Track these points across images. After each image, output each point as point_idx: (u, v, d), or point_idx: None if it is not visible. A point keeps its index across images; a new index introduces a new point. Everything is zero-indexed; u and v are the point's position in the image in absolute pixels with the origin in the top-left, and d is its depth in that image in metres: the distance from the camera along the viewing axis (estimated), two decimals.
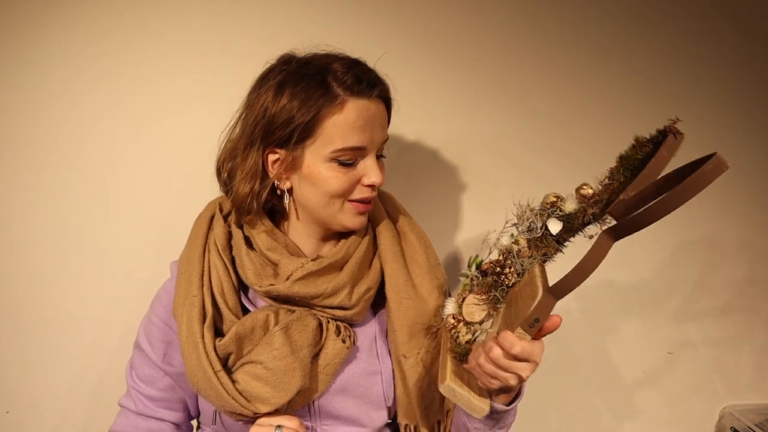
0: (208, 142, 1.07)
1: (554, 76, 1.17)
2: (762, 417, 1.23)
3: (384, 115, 0.82)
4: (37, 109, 1.05)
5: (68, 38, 1.04)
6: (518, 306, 0.72)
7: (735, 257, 1.26)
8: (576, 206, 0.74)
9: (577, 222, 0.74)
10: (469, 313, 0.77)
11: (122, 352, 1.11)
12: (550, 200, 0.76)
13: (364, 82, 0.78)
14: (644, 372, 1.27)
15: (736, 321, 1.28)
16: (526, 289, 0.73)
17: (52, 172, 1.07)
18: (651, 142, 0.72)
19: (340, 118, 0.77)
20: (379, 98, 0.81)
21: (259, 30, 1.08)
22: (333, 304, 0.83)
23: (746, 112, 1.22)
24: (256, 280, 0.83)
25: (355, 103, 0.77)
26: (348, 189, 0.81)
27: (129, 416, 0.89)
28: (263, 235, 0.85)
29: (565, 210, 0.75)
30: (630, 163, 0.73)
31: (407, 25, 1.12)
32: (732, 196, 1.24)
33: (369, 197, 0.82)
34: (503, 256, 0.78)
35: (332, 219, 0.83)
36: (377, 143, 0.81)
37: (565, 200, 0.76)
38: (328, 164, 0.79)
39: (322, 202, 0.82)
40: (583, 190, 0.75)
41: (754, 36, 1.20)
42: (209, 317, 0.81)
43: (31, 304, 1.09)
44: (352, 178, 0.80)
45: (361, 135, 0.78)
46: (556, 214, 0.75)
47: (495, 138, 1.17)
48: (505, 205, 1.18)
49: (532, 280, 0.73)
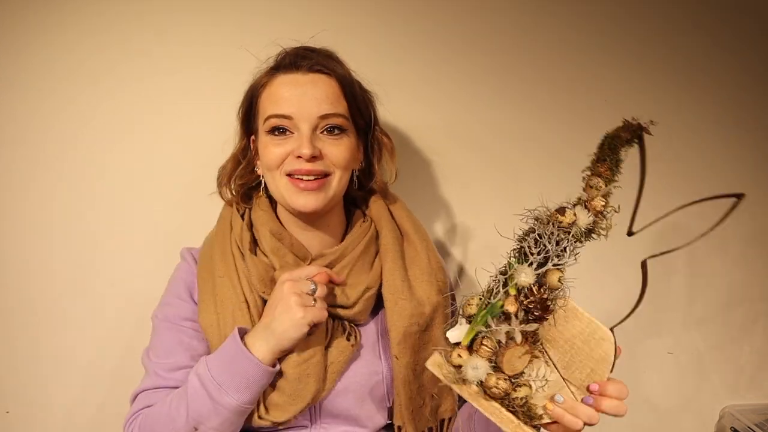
0: (207, 140, 1.08)
1: (554, 76, 1.16)
2: (762, 417, 1.23)
3: (325, 89, 0.82)
4: (34, 107, 1.05)
5: (64, 35, 1.04)
6: (576, 346, 0.69)
7: (735, 257, 1.26)
8: (588, 219, 0.70)
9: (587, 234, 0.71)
10: (510, 368, 0.66)
11: (123, 352, 1.11)
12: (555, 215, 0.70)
13: (294, 57, 0.83)
14: (644, 372, 1.27)
15: (736, 321, 1.28)
16: (575, 326, 0.70)
17: (50, 172, 1.07)
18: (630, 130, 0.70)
19: (269, 90, 0.84)
20: (315, 71, 0.82)
21: (258, 25, 1.07)
22: (332, 303, 0.83)
23: (746, 113, 1.22)
24: (261, 285, 0.83)
25: (283, 77, 0.83)
26: (279, 161, 0.82)
27: (145, 394, 0.84)
28: (268, 234, 0.86)
29: (580, 225, 0.70)
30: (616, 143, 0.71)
31: (404, 22, 1.12)
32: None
33: (300, 170, 0.81)
34: (542, 291, 0.67)
35: (282, 199, 0.84)
36: (311, 115, 0.81)
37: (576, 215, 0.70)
38: (265, 137, 0.84)
39: (267, 178, 0.86)
40: (594, 203, 0.70)
41: (754, 36, 1.20)
42: (254, 320, 0.82)
43: (30, 303, 1.09)
44: (284, 150, 0.81)
45: (285, 103, 0.80)
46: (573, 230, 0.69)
47: (495, 138, 1.17)
48: (498, 206, 1.19)
49: (577, 315, 0.71)
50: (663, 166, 1.21)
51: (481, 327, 0.64)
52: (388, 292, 0.86)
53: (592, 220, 0.69)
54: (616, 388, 0.69)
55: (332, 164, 0.83)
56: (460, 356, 0.65)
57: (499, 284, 0.66)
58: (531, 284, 0.65)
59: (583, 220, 0.69)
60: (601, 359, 0.69)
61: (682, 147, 1.21)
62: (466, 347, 0.65)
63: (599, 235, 0.70)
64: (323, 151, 0.82)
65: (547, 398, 0.68)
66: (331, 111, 0.82)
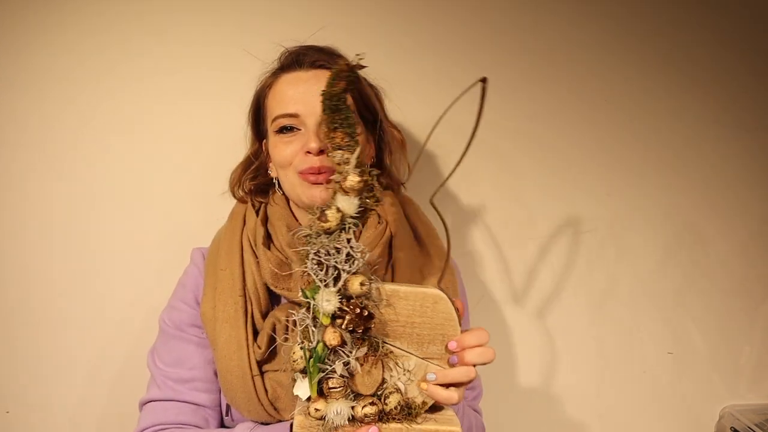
0: (211, 139, 1.08)
1: (554, 76, 1.17)
2: (762, 417, 1.23)
3: None
4: (32, 107, 1.05)
5: (64, 34, 1.04)
6: (416, 323, 0.67)
7: (735, 257, 1.26)
8: (354, 203, 0.63)
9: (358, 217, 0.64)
10: (369, 387, 0.65)
11: (124, 352, 1.11)
12: (318, 225, 0.63)
13: (297, 56, 0.85)
14: (644, 372, 1.27)
15: (736, 321, 1.28)
16: (404, 306, 0.66)
17: (51, 172, 1.07)
18: (343, 78, 0.63)
19: (274, 91, 0.85)
20: (316, 67, 0.84)
21: (259, 25, 1.07)
22: None
23: (747, 112, 1.22)
24: (273, 280, 0.83)
25: (286, 76, 0.84)
26: (290, 159, 0.83)
27: (155, 406, 0.84)
28: (284, 229, 0.86)
29: (349, 214, 0.63)
30: (336, 102, 0.63)
31: (410, 20, 1.12)
32: (732, 195, 1.24)
33: (312, 167, 0.80)
34: (353, 304, 0.62)
35: (296, 196, 0.85)
36: (317, 109, 0.76)
37: (339, 209, 0.63)
38: (275, 138, 0.85)
39: (281, 176, 0.87)
40: (348, 182, 0.63)
41: (755, 35, 1.20)
42: (251, 320, 0.82)
43: (30, 303, 1.09)
44: (294, 148, 0.82)
45: (291, 102, 0.82)
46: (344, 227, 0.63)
47: (494, 138, 1.17)
48: (498, 205, 1.19)
49: (400, 295, 0.66)
50: (663, 165, 1.21)
51: (318, 375, 0.62)
52: None
53: (357, 202, 0.63)
54: (475, 336, 0.67)
55: None
56: (317, 409, 0.63)
57: (309, 322, 0.62)
58: (338, 305, 0.61)
59: (350, 208, 0.63)
60: (445, 321, 0.67)
61: (682, 146, 1.21)
62: (318, 397, 0.63)
63: (373, 204, 0.65)
64: None
65: (418, 385, 0.67)
66: None
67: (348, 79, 0.63)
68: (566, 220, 1.21)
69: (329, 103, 0.63)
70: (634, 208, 1.22)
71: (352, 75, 0.63)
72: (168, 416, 0.82)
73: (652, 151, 1.21)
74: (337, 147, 0.63)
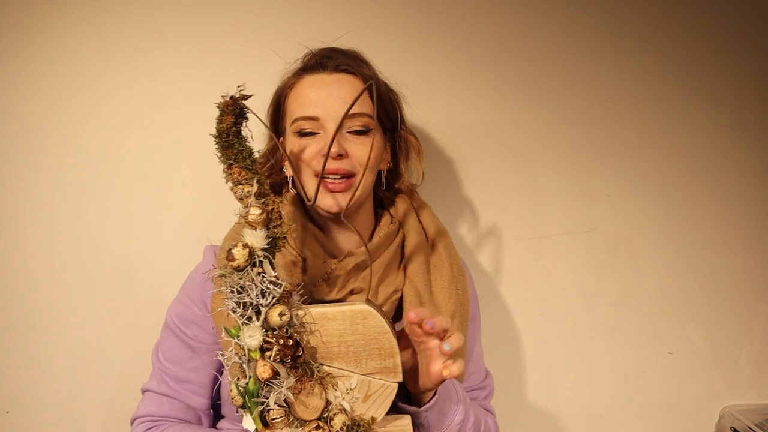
0: (206, 139, 1.07)
1: (554, 75, 1.17)
2: (762, 417, 1.23)
3: (350, 88, 0.82)
4: (30, 106, 1.05)
5: (62, 34, 1.04)
6: (350, 341, 0.67)
7: (736, 257, 1.26)
8: (262, 236, 0.63)
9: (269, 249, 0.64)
10: (312, 412, 0.66)
11: (124, 352, 1.11)
12: (228, 264, 0.62)
13: (320, 58, 0.84)
14: (644, 372, 1.27)
15: (736, 321, 1.28)
16: (334, 326, 0.67)
17: (51, 171, 1.07)
18: (229, 113, 0.63)
19: (295, 92, 0.84)
20: (339, 71, 0.83)
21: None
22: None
23: (747, 111, 1.22)
24: (285, 275, 0.83)
25: (309, 78, 0.83)
26: (308, 161, 0.82)
27: (152, 397, 0.88)
28: (300, 228, 0.86)
29: (257, 248, 0.63)
30: (226, 138, 0.63)
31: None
32: (733, 194, 1.24)
33: (329, 169, 0.80)
34: (277, 336, 0.62)
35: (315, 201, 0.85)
36: (338, 114, 0.80)
37: (248, 245, 0.63)
38: (293, 139, 0.84)
39: (299, 180, 0.85)
40: (251, 216, 0.62)
41: (756, 34, 1.20)
42: None
43: (30, 303, 1.09)
44: (312, 150, 0.82)
45: (312, 105, 0.81)
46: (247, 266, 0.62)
47: (492, 138, 1.17)
48: (499, 204, 1.19)
49: (328, 316, 0.67)
50: (663, 165, 1.21)
51: (257, 408, 0.63)
52: (409, 294, 0.87)
53: (264, 233, 0.63)
54: (424, 311, 0.69)
55: (357, 164, 0.82)
56: None
57: (240, 359, 0.63)
58: (263, 339, 0.61)
59: (258, 242, 0.63)
60: (378, 334, 0.68)
61: (682, 145, 1.22)
62: (264, 429, 0.64)
63: (283, 236, 0.65)
64: (348, 151, 0.81)
65: (365, 401, 0.69)
66: (357, 111, 0.81)
67: (235, 113, 0.63)
68: (566, 220, 1.21)
69: (220, 140, 0.63)
70: (634, 207, 1.22)
71: (238, 107, 0.63)
72: (162, 409, 0.87)
73: (653, 151, 1.21)
74: (236, 182, 0.63)
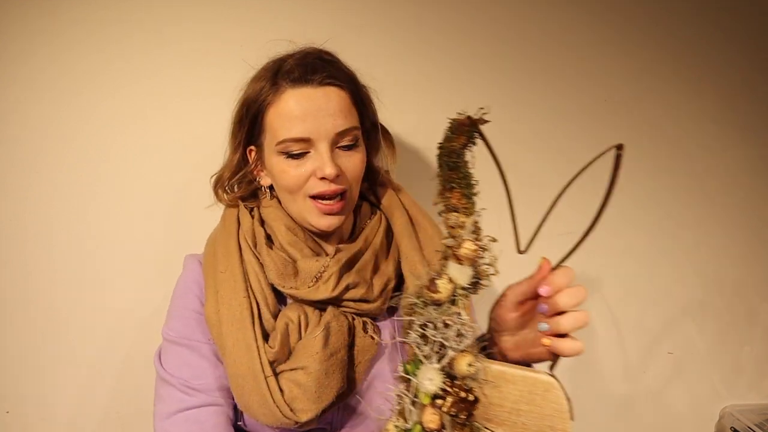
0: (206, 139, 1.07)
1: (553, 74, 1.17)
2: (762, 417, 1.23)
3: (338, 102, 0.78)
4: (30, 106, 1.05)
5: (62, 34, 1.04)
6: (523, 411, 0.60)
7: (735, 257, 1.26)
8: (468, 274, 0.58)
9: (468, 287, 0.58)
10: None
11: (125, 351, 1.11)
12: (428, 295, 0.57)
13: (303, 69, 0.77)
14: (644, 372, 1.27)
15: (736, 321, 1.28)
16: (511, 391, 0.60)
17: (51, 172, 1.07)
18: (463, 132, 0.56)
19: (278, 108, 0.77)
20: (326, 84, 0.77)
21: (257, 24, 1.07)
22: (356, 297, 0.81)
23: (748, 111, 1.22)
24: (279, 280, 0.81)
25: (293, 93, 0.77)
26: (300, 183, 0.78)
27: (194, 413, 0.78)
28: (283, 228, 0.83)
29: (461, 285, 0.57)
30: (455, 158, 0.57)
31: (404, 21, 1.12)
32: (733, 195, 1.24)
33: (327, 191, 0.78)
34: (457, 386, 0.56)
35: (301, 217, 0.82)
36: (328, 132, 0.77)
37: (451, 279, 0.57)
38: (278, 158, 0.79)
39: (285, 198, 0.82)
40: (463, 250, 0.57)
41: (757, 33, 1.20)
42: (257, 320, 0.78)
43: (30, 303, 1.09)
44: (304, 171, 0.78)
45: (301, 125, 0.76)
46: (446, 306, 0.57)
47: (491, 138, 1.17)
48: (494, 207, 1.18)
49: (507, 378, 0.60)
50: (663, 165, 1.21)
51: None
52: (408, 270, 0.84)
53: (471, 272, 0.57)
54: (563, 274, 0.64)
55: (350, 178, 0.80)
56: None
57: (408, 400, 0.57)
58: (441, 385, 0.55)
59: (462, 279, 0.57)
60: (554, 412, 0.60)
61: (681, 145, 1.21)
62: None
63: (488, 277, 0.58)
64: (341, 167, 0.78)
65: None
66: (346, 126, 0.78)
67: (469, 134, 0.56)
68: (566, 220, 1.21)
69: (447, 159, 0.56)
70: (634, 207, 1.22)
71: (473, 130, 0.56)
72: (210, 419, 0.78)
73: (652, 150, 1.21)
74: (452, 209, 0.56)
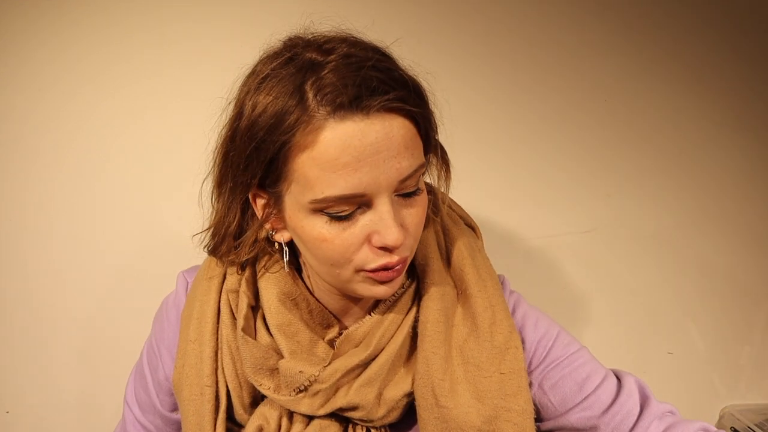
0: (206, 139, 1.07)
1: (553, 74, 1.16)
2: (762, 417, 1.23)
3: (403, 135, 0.53)
4: (30, 106, 1.05)
5: (61, 33, 1.04)
6: None
7: (736, 256, 1.26)
8: None
9: None
10: None
11: (125, 351, 1.11)
12: None
13: (354, 88, 0.50)
14: (644, 372, 1.27)
15: (736, 321, 1.28)
16: None
17: (50, 172, 1.07)
18: None
19: (316, 152, 0.51)
20: (384, 110, 0.52)
21: (257, 24, 1.07)
22: (354, 417, 0.63)
23: (748, 111, 1.22)
24: (254, 375, 0.62)
25: (338, 129, 0.50)
26: (349, 256, 0.55)
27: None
28: (276, 302, 0.62)
29: None
30: None
31: (407, 17, 1.12)
32: (733, 195, 1.24)
33: (390, 264, 0.56)
34: None
35: (345, 288, 0.61)
36: (391, 182, 0.53)
37: None
38: (312, 218, 0.54)
39: (322, 269, 0.59)
40: None
41: (757, 33, 1.20)
42: (222, 410, 0.64)
43: (30, 303, 1.09)
44: (355, 239, 0.55)
45: (353, 176, 0.51)
46: None
47: (492, 138, 1.17)
48: (499, 209, 1.18)
49: None
50: (664, 165, 1.21)
51: None
52: (420, 392, 0.61)
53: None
54: None
55: (414, 236, 0.58)
56: None
57: None
58: None
59: None
60: None
61: (682, 145, 1.21)
62: None
63: None
64: (403, 223, 0.56)
65: None
66: (412, 169, 0.54)
67: None
68: (566, 220, 1.21)
69: None
70: (634, 207, 1.22)
71: None
72: None
73: (653, 151, 1.21)
74: None
